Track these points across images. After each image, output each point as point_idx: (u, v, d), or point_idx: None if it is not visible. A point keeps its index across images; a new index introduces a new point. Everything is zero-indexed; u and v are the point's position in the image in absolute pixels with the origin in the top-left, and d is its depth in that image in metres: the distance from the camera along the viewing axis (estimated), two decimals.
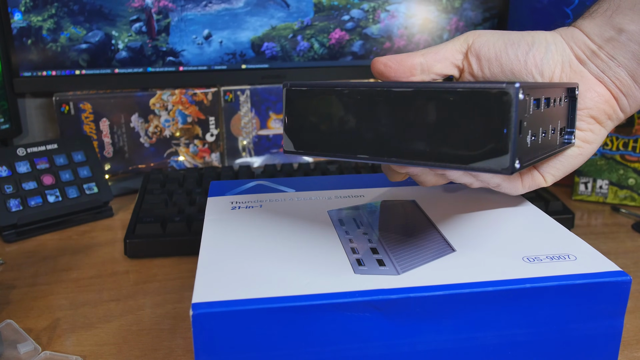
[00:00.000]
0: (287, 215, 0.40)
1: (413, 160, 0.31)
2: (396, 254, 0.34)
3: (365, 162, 0.33)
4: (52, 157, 0.70)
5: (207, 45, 0.81)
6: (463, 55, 0.39)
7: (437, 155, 0.30)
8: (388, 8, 0.84)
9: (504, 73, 0.38)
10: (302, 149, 0.35)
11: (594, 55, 0.39)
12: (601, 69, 0.39)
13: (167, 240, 0.59)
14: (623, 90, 0.39)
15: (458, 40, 0.40)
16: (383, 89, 0.31)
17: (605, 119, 0.39)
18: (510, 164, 0.28)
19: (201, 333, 0.29)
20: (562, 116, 0.37)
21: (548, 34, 0.39)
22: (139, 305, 0.50)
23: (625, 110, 0.40)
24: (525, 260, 0.33)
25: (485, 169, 0.29)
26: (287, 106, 0.35)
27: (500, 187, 0.40)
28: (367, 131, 0.32)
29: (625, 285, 0.32)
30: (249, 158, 0.85)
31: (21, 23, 0.75)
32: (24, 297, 0.52)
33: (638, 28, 0.37)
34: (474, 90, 0.29)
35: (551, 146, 0.36)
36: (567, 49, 0.39)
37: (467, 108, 0.29)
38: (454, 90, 0.29)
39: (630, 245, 0.63)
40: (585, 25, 0.39)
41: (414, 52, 0.39)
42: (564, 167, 0.40)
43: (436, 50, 0.39)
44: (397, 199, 0.44)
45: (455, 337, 0.31)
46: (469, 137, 0.29)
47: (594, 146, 0.40)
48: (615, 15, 0.38)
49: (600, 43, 0.38)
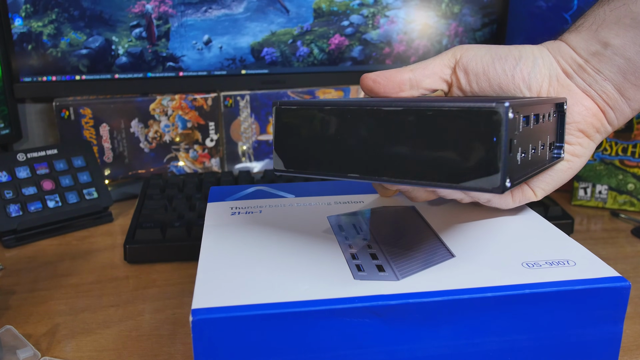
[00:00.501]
0: (287, 221, 0.40)
1: (404, 180, 0.30)
2: (396, 259, 0.34)
3: (357, 180, 0.33)
4: (52, 163, 0.70)
5: (207, 50, 0.81)
6: (451, 70, 0.40)
7: (428, 174, 0.30)
8: (387, 14, 0.84)
9: (491, 87, 0.39)
10: (293, 168, 0.34)
11: (581, 69, 0.39)
12: (588, 82, 0.39)
13: (167, 245, 0.59)
14: (610, 103, 0.39)
15: (446, 55, 0.40)
16: (373, 107, 0.31)
17: (594, 132, 0.40)
18: (501, 183, 0.28)
19: (201, 339, 0.29)
20: (551, 131, 0.37)
21: (535, 48, 0.40)
22: (138, 310, 0.50)
23: (613, 123, 0.40)
24: (524, 265, 0.33)
25: (476, 188, 0.28)
26: (277, 125, 0.35)
27: (491, 203, 0.41)
28: (358, 150, 0.32)
29: (624, 291, 0.32)
30: (248, 163, 0.85)
31: (22, 28, 0.75)
32: (23, 303, 0.52)
33: (623, 42, 0.38)
34: (463, 109, 0.28)
35: (541, 162, 0.36)
36: (554, 62, 0.39)
37: (457, 127, 0.28)
38: (443, 109, 0.29)
39: (630, 250, 0.63)
40: (572, 39, 0.40)
41: (403, 67, 0.39)
42: (554, 181, 0.40)
43: (425, 65, 0.39)
44: (397, 205, 0.44)
45: (455, 342, 0.31)
46: (459, 156, 0.29)
47: (583, 159, 0.40)
48: (601, 30, 0.38)
49: (586, 57, 0.39)
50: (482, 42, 0.88)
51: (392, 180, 0.31)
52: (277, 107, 0.35)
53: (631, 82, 0.38)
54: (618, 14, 0.38)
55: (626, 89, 0.38)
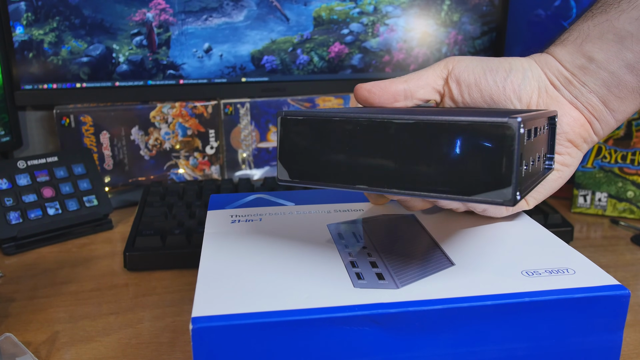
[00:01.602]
0: (287, 229, 0.40)
1: (413, 192, 0.30)
2: (395, 268, 0.34)
3: (364, 191, 0.33)
4: (53, 170, 0.70)
5: (207, 58, 0.81)
6: (444, 81, 0.40)
7: (438, 186, 0.30)
8: (387, 22, 0.85)
9: (483, 98, 0.39)
10: (297, 179, 0.34)
11: (567, 81, 0.40)
12: (574, 94, 0.40)
13: (167, 253, 0.59)
14: (595, 115, 0.40)
15: (439, 66, 0.41)
16: (383, 120, 0.31)
17: (582, 142, 0.41)
18: (512, 196, 0.28)
19: (201, 347, 0.29)
20: (544, 143, 0.38)
21: (524, 60, 0.40)
22: (138, 318, 0.50)
23: (599, 133, 0.41)
24: (524, 274, 0.33)
25: (487, 201, 0.28)
26: (282, 135, 0.34)
27: (486, 212, 0.41)
28: (366, 162, 0.31)
29: (624, 299, 0.32)
30: (248, 170, 0.85)
31: (23, 36, 0.76)
32: (23, 310, 0.52)
33: (606, 56, 0.39)
34: (475, 123, 0.28)
35: (537, 174, 0.36)
36: (542, 75, 0.40)
37: (468, 141, 0.29)
38: (455, 123, 0.29)
39: (630, 258, 0.63)
40: (558, 52, 0.41)
41: (397, 78, 0.40)
42: (545, 190, 0.41)
43: (418, 76, 0.40)
44: (397, 213, 0.44)
45: (454, 351, 0.31)
46: (471, 169, 0.29)
47: (572, 168, 0.41)
48: (585, 44, 0.39)
49: (572, 70, 0.40)
50: (482, 49, 0.89)
51: (402, 193, 0.31)
52: (283, 117, 0.34)
53: (615, 95, 0.39)
54: (601, 29, 0.39)
55: (610, 101, 0.40)
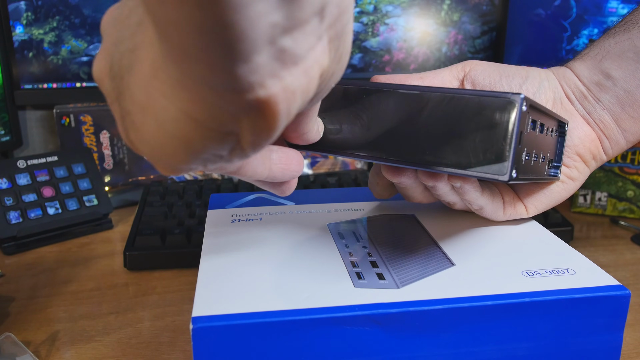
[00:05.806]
0: (287, 229, 0.40)
1: (410, 162, 0.31)
2: (396, 267, 0.34)
3: (362, 160, 0.34)
4: (52, 170, 0.70)
5: None
6: (459, 82, 0.41)
7: (437, 157, 0.30)
8: (387, 21, 0.85)
9: None
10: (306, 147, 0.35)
11: (582, 96, 0.40)
12: (588, 110, 0.40)
13: (167, 252, 0.59)
14: (606, 132, 0.40)
15: (456, 68, 0.41)
16: (390, 89, 0.32)
17: (590, 158, 0.41)
18: (508, 171, 0.29)
19: (201, 347, 0.29)
20: (551, 148, 0.38)
21: (542, 71, 0.41)
22: (138, 318, 0.50)
23: (608, 152, 0.41)
24: (524, 274, 0.33)
25: (483, 174, 0.29)
26: None
27: (483, 211, 0.40)
28: (370, 130, 0.32)
29: (624, 299, 0.32)
30: None
31: (23, 36, 0.76)
32: (23, 310, 0.52)
33: (624, 74, 0.39)
34: (479, 96, 0.29)
35: (540, 173, 0.37)
36: (558, 86, 0.41)
37: (472, 114, 0.29)
38: (459, 95, 0.30)
39: (630, 257, 0.63)
40: (577, 67, 0.41)
41: (413, 73, 0.40)
42: (548, 200, 0.41)
43: (434, 74, 0.41)
44: (397, 212, 0.44)
45: (455, 351, 0.31)
46: (470, 141, 0.30)
47: (577, 184, 0.41)
48: (604, 60, 0.40)
49: (588, 85, 0.40)
50: (482, 49, 0.89)
51: (399, 162, 0.32)
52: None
53: (628, 114, 0.40)
54: (622, 47, 0.39)
55: (623, 120, 0.40)
